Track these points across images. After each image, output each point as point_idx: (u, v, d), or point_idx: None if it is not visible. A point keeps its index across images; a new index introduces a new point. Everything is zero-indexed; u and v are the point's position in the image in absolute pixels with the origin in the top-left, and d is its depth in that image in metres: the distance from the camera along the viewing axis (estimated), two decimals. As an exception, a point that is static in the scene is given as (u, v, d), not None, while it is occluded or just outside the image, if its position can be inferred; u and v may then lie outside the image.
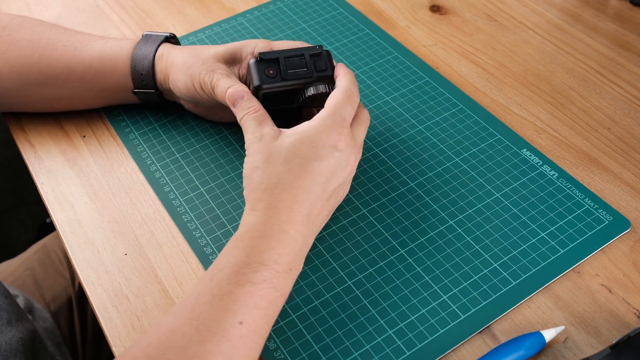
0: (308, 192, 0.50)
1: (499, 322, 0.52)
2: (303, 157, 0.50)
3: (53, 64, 0.62)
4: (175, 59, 0.61)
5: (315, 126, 0.52)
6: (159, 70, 0.62)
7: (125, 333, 0.52)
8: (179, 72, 0.60)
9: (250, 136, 0.52)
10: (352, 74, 0.56)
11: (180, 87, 0.60)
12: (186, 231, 0.58)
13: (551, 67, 0.73)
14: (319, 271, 0.55)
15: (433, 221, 0.58)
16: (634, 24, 0.78)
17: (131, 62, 0.62)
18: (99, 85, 0.63)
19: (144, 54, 0.62)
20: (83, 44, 0.63)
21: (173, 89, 0.61)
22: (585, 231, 0.57)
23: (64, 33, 0.64)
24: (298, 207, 0.49)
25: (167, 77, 0.61)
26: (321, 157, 0.50)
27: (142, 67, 0.61)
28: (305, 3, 0.82)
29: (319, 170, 0.50)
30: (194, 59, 0.59)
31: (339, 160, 0.51)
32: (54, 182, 0.63)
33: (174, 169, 0.63)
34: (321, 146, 0.51)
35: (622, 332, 0.51)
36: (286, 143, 0.51)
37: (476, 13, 0.80)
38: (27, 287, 0.78)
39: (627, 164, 0.63)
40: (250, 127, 0.53)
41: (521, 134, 0.65)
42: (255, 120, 0.53)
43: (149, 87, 0.62)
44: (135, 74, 0.62)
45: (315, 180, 0.50)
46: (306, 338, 0.51)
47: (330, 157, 0.51)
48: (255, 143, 0.52)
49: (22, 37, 0.63)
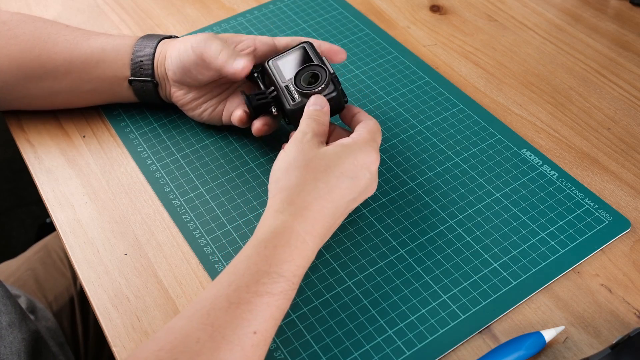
0: (336, 207, 0.50)
1: (499, 322, 0.52)
2: (343, 171, 0.50)
3: (53, 57, 0.62)
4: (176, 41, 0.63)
5: (359, 144, 0.52)
6: (157, 55, 0.63)
7: (125, 333, 0.52)
8: (178, 43, 0.61)
9: (300, 135, 0.52)
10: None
11: (174, 57, 0.61)
12: (186, 231, 0.58)
13: (551, 67, 0.73)
14: (319, 271, 0.55)
15: (433, 221, 0.58)
16: (634, 24, 0.78)
17: (133, 50, 0.63)
18: (98, 77, 0.63)
19: (147, 44, 0.63)
20: (85, 37, 0.64)
21: (168, 65, 0.62)
22: (585, 231, 0.57)
23: (65, 29, 0.65)
24: (322, 220, 0.49)
25: (164, 59, 0.62)
26: (358, 177, 0.51)
27: (143, 55, 0.62)
28: (305, 3, 0.82)
29: (351, 188, 0.50)
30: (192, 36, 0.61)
31: (369, 183, 0.52)
32: (54, 182, 0.63)
33: (174, 169, 0.63)
34: (360, 166, 0.51)
35: (622, 332, 0.51)
36: (330, 152, 0.51)
37: (476, 13, 0.80)
38: (28, 287, 0.78)
39: (627, 164, 0.63)
40: (304, 127, 0.53)
41: (521, 134, 0.65)
42: (316, 126, 0.53)
43: (146, 75, 0.63)
44: (135, 61, 0.62)
45: (345, 197, 0.50)
46: (306, 338, 0.51)
47: (364, 178, 0.51)
48: (300, 142, 0.51)
49: (23, 32, 0.63)
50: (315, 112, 0.54)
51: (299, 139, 0.52)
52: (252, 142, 0.65)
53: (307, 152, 0.51)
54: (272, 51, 0.62)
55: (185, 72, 0.61)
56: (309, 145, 0.51)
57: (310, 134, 0.52)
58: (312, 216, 0.48)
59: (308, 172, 0.49)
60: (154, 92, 0.64)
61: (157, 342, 0.43)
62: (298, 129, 0.53)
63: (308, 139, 0.52)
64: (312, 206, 0.48)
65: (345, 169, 0.50)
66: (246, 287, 0.44)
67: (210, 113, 0.64)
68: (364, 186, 0.52)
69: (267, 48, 0.61)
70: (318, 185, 0.49)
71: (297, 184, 0.49)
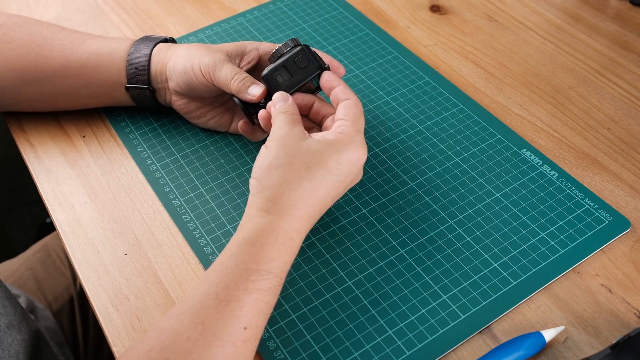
0: (321, 204, 0.50)
1: (499, 322, 0.52)
2: (327, 170, 0.49)
3: (50, 62, 0.62)
4: (175, 49, 0.61)
5: (344, 142, 0.51)
6: (154, 63, 0.62)
7: (125, 333, 0.52)
8: (179, 58, 0.60)
9: (278, 130, 0.51)
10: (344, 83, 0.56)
11: (178, 72, 0.60)
12: (186, 231, 0.58)
13: (551, 67, 0.73)
14: (319, 271, 0.55)
15: (433, 221, 0.58)
16: (634, 24, 0.78)
17: (127, 56, 0.62)
18: (95, 82, 0.63)
19: (141, 49, 0.62)
20: (81, 41, 0.63)
21: (170, 75, 0.61)
22: (585, 231, 0.57)
23: (61, 32, 0.64)
24: (308, 217, 0.49)
25: (164, 67, 0.61)
26: (343, 174, 0.50)
27: (137, 62, 0.61)
28: (305, 3, 0.82)
29: (336, 185, 0.50)
30: (194, 47, 0.60)
31: (354, 178, 0.52)
32: (54, 182, 0.63)
33: (174, 169, 0.63)
34: (345, 164, 0.50)
35: (622, 332, 0.51)
36: (312, 149, 0.50)
37: (476, 13, 0.80)
38: (28, 287, 0.78)
39: (627, 164, 0.63)
40: (279, 122, 0.52)
41: (521, 134, 0.65)
42: (289, 117, 0.52)
43: (143, 82, 0.62)
44: (130, 68, 0.62)
45: (331, 193, 0.50)
46: (306, 338, 0.51)
47: (350, 174, 0.51)
48: (281, 139, 0.50)
49: (19, 36, 0.63)
50: (282, 107, 0.54)
51: (279, 135, 0.51)
52: (252, 142, 0.65)
53: (289, 148, 0.50)
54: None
55: (192, 90, 0.61)
56: (290, 139, 0.50)
57: (287, 127, 0.51)
58: (299, 214, 0.48)
59: (292, 171, 0.49)
60: (152, 98, 0.64)
61: (148, 342, 0.43)
62: (273, 126, 0.52)
63: (287, 132, 0.51)
64: (299, 205, 0.48)
65: (329, 167, 0.50)
66: (235, 284, 0.45)
67: (217, 121, 0.64)
68: (350, 182, 0.52)
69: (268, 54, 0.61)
70: (303, 183, 0.49)
71: (281, 183, 0.48)
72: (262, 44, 0.62)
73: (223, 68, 0.57)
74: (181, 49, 0.61)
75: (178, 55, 0.60)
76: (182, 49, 0.61)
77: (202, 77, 0.58)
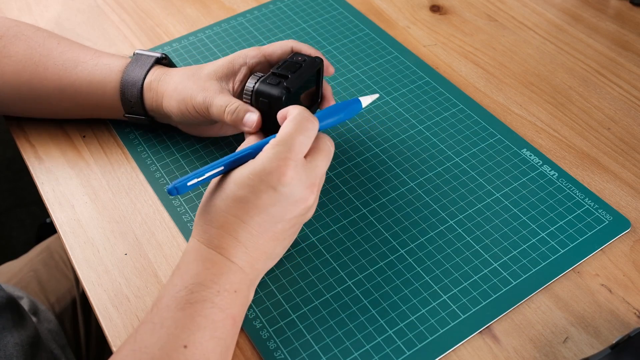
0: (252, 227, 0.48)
1: (499, 322, 0.52)
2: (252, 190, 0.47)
3: (44, 83, 0.62)
4: (166, 87, 0.59)
5: (261, 159, 0.48)
6: (148, 99, 0.60)
7: (125, 333, 0.52)
8: (172, 99, 0.58)
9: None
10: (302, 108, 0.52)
11: (175, 113, 0.59)
12: (186, 231, 0.58)
13: (551, 67, 0.73)
14: (319, 271, 0.55)
15: (433, 221, 0.58)
16: (634, 24, 0.78)
17: (120, 88, 0.61)
18: (91, 107, 0.63)
19: (133, 81, 0.60)
20: (74, 64, 0.62)
21: (168, 114, 0.60)
22: (585, 231, 0.57)
23: (56, 49, 0.63)
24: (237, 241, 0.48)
25: (160, 105, 0.60)
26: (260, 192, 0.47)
27: (131, 95, 0.60)
28: (305, 3, 0.82)
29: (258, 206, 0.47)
30: (184, 83, 0.58)
31: (285, 196, 0.47)
32: (54, 182, 0.63)
33: (174, 169, 0.63)
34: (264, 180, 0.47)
35: (622, 332, 0.51)
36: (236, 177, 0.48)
37: (476, 13, 0.80)
38: (31, 288, 0.78)
39: (627, 164, 0.63)
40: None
41: (521, 134, 0.65)
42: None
43: (139, 114, 0.62)
44: (125, 101, 0.61)
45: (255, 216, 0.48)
46: (306, 338, 0.51)
47: (271, 191, 0.47)
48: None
49: (16, 51, 0.62)
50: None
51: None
52: (252, 142, 0.65)
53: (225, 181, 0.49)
54: (263, 61, 0.59)
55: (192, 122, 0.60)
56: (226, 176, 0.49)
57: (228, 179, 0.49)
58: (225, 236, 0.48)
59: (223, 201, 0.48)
60: (151, 124, 0.63)
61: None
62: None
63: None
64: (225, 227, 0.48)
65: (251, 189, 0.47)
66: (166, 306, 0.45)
67: (220, 130, 0.64)
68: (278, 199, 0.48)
69: (256, 61, 0.59)
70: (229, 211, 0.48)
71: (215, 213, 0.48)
72: (249, 52, 0.59)
73: (214, 102, 0.56)
74: (172, 84, 0.59)
75: (170, 96, 0.59)
76: (172, 84, 0.59)
77: (199, 115, 0.58)
